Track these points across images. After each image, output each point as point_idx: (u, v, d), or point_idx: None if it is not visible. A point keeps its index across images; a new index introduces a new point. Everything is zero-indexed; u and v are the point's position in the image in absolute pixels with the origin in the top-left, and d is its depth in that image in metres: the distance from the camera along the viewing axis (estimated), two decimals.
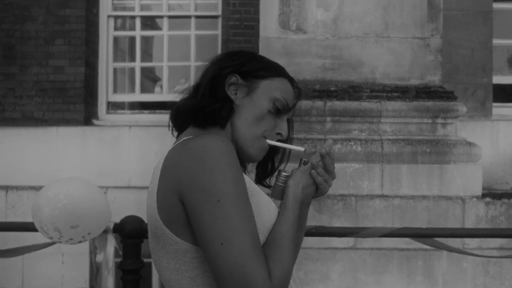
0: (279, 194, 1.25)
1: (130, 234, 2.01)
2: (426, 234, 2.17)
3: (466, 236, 2.60)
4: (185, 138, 1.12)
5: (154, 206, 1.08)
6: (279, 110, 1.24)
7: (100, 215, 1.86)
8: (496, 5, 4.66)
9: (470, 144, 3.84)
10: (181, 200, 1.04)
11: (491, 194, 3.76)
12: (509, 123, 4.55)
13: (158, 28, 5.67)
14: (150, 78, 6.18)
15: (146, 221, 1.37)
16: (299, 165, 1.25)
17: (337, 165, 3.92)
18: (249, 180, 1.16)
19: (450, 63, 4.36)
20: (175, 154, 1.08)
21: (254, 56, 1.28)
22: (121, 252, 2.00)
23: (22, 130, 5.36)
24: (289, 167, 1.33)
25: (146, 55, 6.33)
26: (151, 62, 6.03)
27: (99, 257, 1.91)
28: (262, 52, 4.19)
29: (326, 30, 4.10)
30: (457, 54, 4.44)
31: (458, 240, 3.74)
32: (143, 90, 5.71)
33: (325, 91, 4.03)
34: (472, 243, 3.70)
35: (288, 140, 1.29)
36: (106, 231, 1.94)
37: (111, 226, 1.97)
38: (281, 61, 4.27)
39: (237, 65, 1.23)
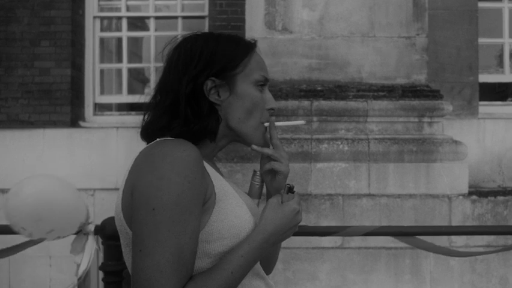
0: (255, 194, 1.26)
1: (111, 235, 1.99)
2: (409, 232, 2.17)
3: (448, 234, 2.60)
4: (158, 139, 1.13)
5: (120, 205, 1.09)
6: (262, 88, 1.23)
7: (68, 211, 1.83)
8: (481, 4, 4.69)
9: (456, 142, 3.85)
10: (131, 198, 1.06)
11: (477, 192, 3.78)
12: (496, 121, 4.57)
13: (145, 29, 5.64)
14: (138, 79, 6.15)
15: None
16: (284, 190, 1.18)
17: (324, 165, 3.93)
18: (221, 184, 1.14)
19: (436, 62, 4.37)
20: (140, 156, 1.08)
21: (210, 47, 1.19)
22: (101, 254, 1.98)
23: (8, 132, 5.31)
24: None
25: (134, 56, 6.30)
26: (139, 63, 6.00)
27: (77, 259, 1.89)
28: None
29: (311, 30, 4.09)
30: (443, 53, 4.45)
31: (445, 238, 3.75)
32: (131, 91, 5.68)
33: (311, 91, 4.03)
34: (458, 241, 3.72)
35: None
36: (86, 233, 1.92)
37: (92, 228, 1.95)
38: (267, 61, 4.26)
39: (205, 68, 1.17)
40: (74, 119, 5.37)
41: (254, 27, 4.15)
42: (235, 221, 1.11)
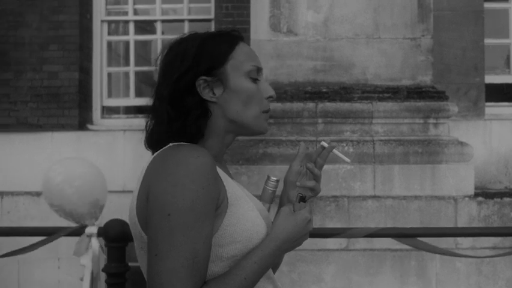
0: (268, 198, 1.31)
1: (114, 238, 2.01)
2: (411, 234, 2.17)
3: (450, 235, 2.59)
4: (171, 144, 1.14)
5: (134, 209, 1.10)
6: (256, 78, 1.23)
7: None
8: (487, 5, 4.67)
9: (462, 143, 3.84)
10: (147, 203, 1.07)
11: (483, 194, 3.76)
12: (502, 122, 4.54)
13: (153, 32, 5.68)
14: (145, 83, 6.19)
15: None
16: (296, 199, 1.19)
17: (329, 167, 3.93)
18: (233, 189, 1.16)
19: (442, 63, 4.36)
20: (155, 161, 1.10)
21: (195, 47, 1.19)
22: (105, 256, 2.00)
23: (17, 136, 5.37)
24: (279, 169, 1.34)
25: (142, 59, 6.34)
26: (147, 66, 6.04)
27: (83, 261, 1.92)
28: None
29: (316, 32, 4.10)
30: (449, 54, 4.44)
31: (451, 240, 3.74)
32: (139, 94, 5.72)
33: (316, 93, 4.04)
34: (465, 243, 3.70)
35: None
36: (89, 235, 1.94)
37: (95, 230, 1.97)
38: (272, 63, 4.29)
39: (190, 68, 1.17)
40: (82, 122, 5.42)
41: (259, 30, 4.17)
42: (247, 224, 1.12)
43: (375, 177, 3.84)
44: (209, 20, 5.41)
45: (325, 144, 1.27)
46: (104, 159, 5.25)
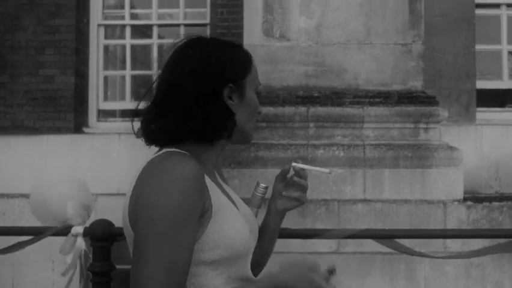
0: (256, 203, 1.40)
1: (100, 237, 2.05)
2: (391, 235, 2.20)
3: (430, 237, 2.61)
4: (165, 150, 1.18)
5: (126, 211, 1.15)
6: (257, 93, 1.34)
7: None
8: (479, 11, 4.72)
9: (451, 148, 3.87)
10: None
11: (472, 198, 3.79)
12: (493, 127, 4.58)
13: (149, 36, 5.73)
14: (141, 86, 6.23)
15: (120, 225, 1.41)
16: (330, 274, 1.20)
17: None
18: (218, 197, 1.20)
19: (434, 68, 4.40)
20: (148, 166, 1.15)
21: (225, 55, 1.26)
22: (90, 255, 2.04)
23: (13, 138, 5.41)
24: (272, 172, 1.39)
25: (139, 63, 6.39)
26: (144, 69, 6.09)
27: (68, 259, 1.95)
28: None
29: (308, 38, 4.15)
30: (441, 60, 4.48)
31: (440, 243, 3.77)
32: (138, 98, 5.75)
33: (308, 97, 4.08)
34: (454, 246, 3.73)
35: None
36: (75, 235, 1.98)
37: (81, 230, 2.01)
38: (265, 68, 4.32)
39: (222, 75, 1.23)
40: (78, 126, 5.46)
41: (252, 35, 4.21)
42: (229, 232, 1.17)
43: (365, 181, 3.87)
44: (205, 25, 5.46)
45: (296, 165, 1.35)
46: (99, 162, 5.29)
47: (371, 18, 4.07)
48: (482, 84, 4.75)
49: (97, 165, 5.29)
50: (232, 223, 1.19)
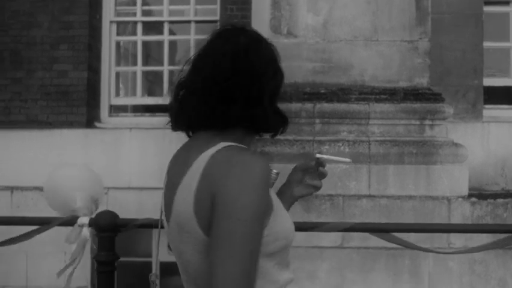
0: None
1: (104, 227, 2.12)
2: (386, 229, 2.24)
3: (426, 231, 2.64)
4: (224, 144, 1.19)
5: (191, 203, 1.14)
6: None
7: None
8: (487, 8, 4.71)
9: (456, 145, 3.89)
10: (212, 205, 1.11)
11: (477, 194, 3.81)
12: (500, 124, 4.58)
13: (160, 33, 5.81)
14: (153, 82, 6.32)
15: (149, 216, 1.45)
16: None
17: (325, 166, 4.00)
18: (273, 194, 1.27)
19: (441, 65, 4.41)
20: (220, 163, 1.14)
21: (270, 51, 1.34)
22: (95, 246, 2.11)
23: (27, 132, 5.53)
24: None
25: (151, 59, 6.49)
26: (157, 65, 6.18)
27: (73, 248, 2.03)
28: None
29: (316, 34, 4.19)
30: (448, 57, 4.49)
31: (444, 240, 3.80)
32: (150, 93, 5.85)
33: (315, 94, 4.12)
34: (457, 242, 3.75)
35: None
36: (80, 225, 2.06)
37: (87, 221, 2.09)
38: None
39: (276, 73, 1.33)
40: (90, 120, 5.56)
41: (260, 31, 4.25)
42: (286, 223, 1.23)
43: (370, 176, 3.91)
44: (215, 21, 5.52)
45: (321, 156, 1.43)
46: (111, 157, 5.39)
47: (377, 16, 4.10)
48: (489, 81, 4.74)
49: (108, 160, 5.39)
50: (284, 213, 1.25)
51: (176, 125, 1.31)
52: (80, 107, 5.53)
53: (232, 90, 1.22)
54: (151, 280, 1.39)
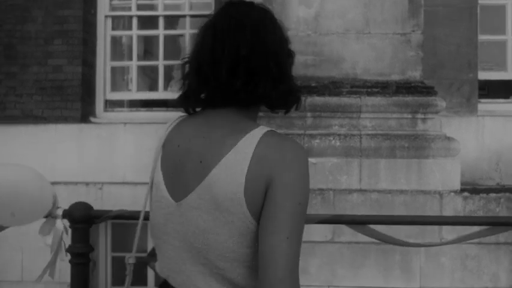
0: None
1: (79, 219, 2.10)
2: (363, 221, 2.20)
3: (402, 223, 2.59)
4: (267, 128, 1.21)
5: (241, 185, 1.14)
6: None
7: (34, 200, 1.95)
8: (482, 1, 4.64)
9: (449, 139, 3.84)
10: (266, 189, 1.14)
11: (470, 189, 3.75)
12: (495, 118, 4.52)
13: (155, 27, 5.78)
14: (149, 77, 6.30)
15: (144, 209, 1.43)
16: None
17: (316, 160, 3.97)
18: None
19: (435, 58, 4.35)
20: (273, 148, 1.17)
21: (280, 25, 1.37)
22: (67, 235, 2.09)
23: (22, 127, 5.53)
24: None
25: (147, 53, 6.46)
26: (152, 60, 6.15)
27: (47, 240, 2.01)
28: None
29: (307, 27, 4.14)
30: (443, 50, 4.43)
31: (436, 234, 3.75)
32: (146, 88, 5.82)
33: (306, 87, 4.08)
34: (450, 237, 3.70)
35: None
36: (52, 216, 2.04)
37: (60, 212, 2.06)
38: None
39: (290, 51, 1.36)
40: (85, 115, 5.55)
41: None
42: None
43: (361, 170, 3.87)
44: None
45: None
46: (105, 151, 5.37)
47: (369, 8, 4.05)
48: (484, 75, 4.68)
49: (103, 154, 5.37)
50: None
51: (195, 103, 1.30)
52: (75, 102, 5.51)
53: (257, 67, 1.23)
54: (128, 263, 1.36)
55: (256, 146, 1.16)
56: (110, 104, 5.77)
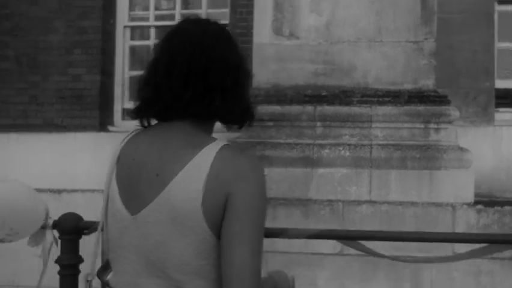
0: None
1: (68, 230, 2.11)
2: (354, 236, 2.14)
3: (400, 240, 2.52)
4: (224, 143, 1.22)
5: (198, 200, 1.16)
6: None
7: (28, 213, 1.98)
8: (500, 7, 4.50)
9: (462, 149, 3.73)
10: (225, 202, 1.16)
11: (484, 201, 3.63)
12: None
13: None
14: None
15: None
16: None
17: (325, 170, 3.91)
18: None
19: (451, 67, 4.24)
20: (231, 163, 1.18)
21: (236, 43, 1.34)
22: (57, 246, 2.10)
23: (43, 135, 5.64)
24: None
25: None
26: None
27: (37, 251, 2.02)
28: (255, 58, 4.24)
29: (318, 36, 4.10)
30: (458, 58, 4.31)
31: (449, 248, 3.63)
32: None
33: (316, 96, 4.03)
34: (462, 250, 3.57)
35: None
36: (43, 227, 2.05)
37: (50, 222, 2.08)
38: (274, 67, 4.30)
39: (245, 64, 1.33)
40: (103, 124, 5.63)
41: (262, 33, 4.21)
42: None
43: (371, 181, 3.79)
44: (225, 25, 5.49)
45: None
46: None
47: (381, 16, 3.98)
48: (502, 83, 4.53)
49: None
50: None
51: (149, 116, 1.30)
52: (93, 111, 5.60)
53: (214, 83, 1.24)
54: (87, 280, 1.35)
55: (213, 161, 1.18)
56: (128, 113, 5.84)
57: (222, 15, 5.59)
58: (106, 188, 1.30)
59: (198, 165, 1.18)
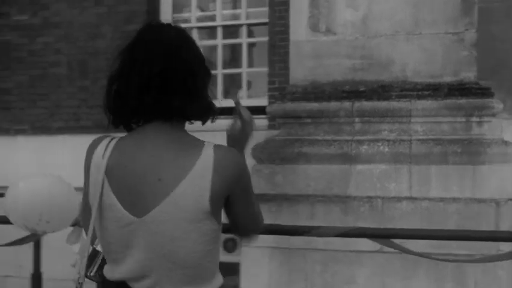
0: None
1: None
2: (385, 234, 2.10)
3: (434, 238, 2.44)
4: (213, 144, 1.36)
5: (207, 197, 1.31)
6: None
7: (64, 207, 2.07)
8: None
9: (506, 143, 3.60)
10: (227, 194, 1.36)
11: None
12: None
13: (214, 37, 5.92)
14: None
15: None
16: None
17: (364, 167, 3.86)
18: None
19: (493, 58, 4.07)
20: (228, 160, 1.35)
21: (195, 44, 1.48)
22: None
23: (93, 137, 5.84)
24: None
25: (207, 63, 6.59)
26: (212, 69, 6.29)
27: (75, 249, 2.11)
28: (292, 56, 4.24)
29: (355, 30, 4.05)
30: (501, 48, 4.14)
31: (494, 245, 3.50)
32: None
33: (354, 92, 3.99)
34: (507, 248, 3.45)
35: None
36: (77, 224, 2.14)
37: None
38: (311, 64, 4.28)
39: (204, 64, 1.44)
40: None
41: (298, 31, 4.20)
42: None
43: (411, 177, 3.72)
44: (265, 24, 5.52)
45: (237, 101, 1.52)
46: None
47: (419, 8, 3.88)
48: None
49: None
50: None
51: (119, 119, 1.45)
52: None
53: (174, 82, 1.34)
54: (79, 282, 1.41)
55: (214, 161, 1.32)
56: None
57: (263, 14, 5.62)
58: (96, 198, 1.35)
59: (202, 168, 1.31)
